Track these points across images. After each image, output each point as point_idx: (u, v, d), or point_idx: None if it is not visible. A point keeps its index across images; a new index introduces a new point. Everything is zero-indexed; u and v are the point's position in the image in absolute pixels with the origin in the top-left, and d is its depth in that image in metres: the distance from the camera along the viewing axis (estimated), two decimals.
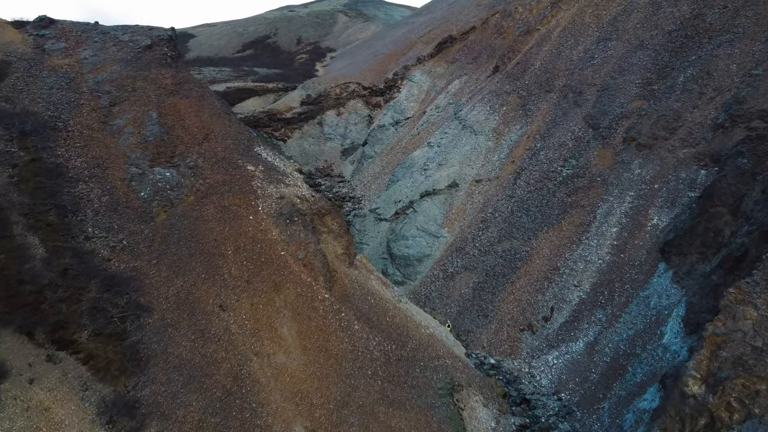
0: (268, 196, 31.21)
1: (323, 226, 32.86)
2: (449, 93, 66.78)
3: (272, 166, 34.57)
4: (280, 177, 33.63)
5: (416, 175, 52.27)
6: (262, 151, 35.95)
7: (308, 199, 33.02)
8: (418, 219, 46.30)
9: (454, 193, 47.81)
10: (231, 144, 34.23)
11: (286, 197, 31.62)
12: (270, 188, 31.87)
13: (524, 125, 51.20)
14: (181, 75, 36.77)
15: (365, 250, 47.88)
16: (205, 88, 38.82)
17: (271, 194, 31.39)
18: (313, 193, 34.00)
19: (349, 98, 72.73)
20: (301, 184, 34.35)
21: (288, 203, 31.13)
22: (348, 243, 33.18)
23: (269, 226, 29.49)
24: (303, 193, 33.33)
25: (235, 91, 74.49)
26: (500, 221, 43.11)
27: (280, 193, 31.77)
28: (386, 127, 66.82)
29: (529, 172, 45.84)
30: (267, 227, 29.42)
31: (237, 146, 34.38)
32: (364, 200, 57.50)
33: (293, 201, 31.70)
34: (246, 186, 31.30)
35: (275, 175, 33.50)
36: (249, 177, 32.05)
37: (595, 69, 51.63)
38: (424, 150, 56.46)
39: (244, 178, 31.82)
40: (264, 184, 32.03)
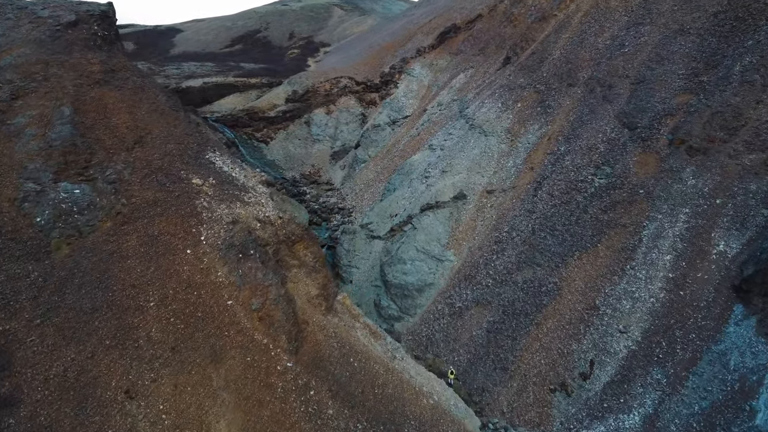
0: (217, 220, 23.17)
1: (293, 257, 24.84)
2: (453, 88, 58.75)
3: (228, 178, 26.53)
4: (237, 193, 25.60)
5: (416, 183, 44.25)
6: (218, 157, 27.90)
7: (273, 221, 24.99)
8: (418, 238, 38.27)
9: (461, 206, 39.78)
10: (174, 149, 26.21)
11: (242, 221, 23.57)
12: (220, 209, 23.83)
13: (543, 124, 43.17)
14: (115, 61, 28.71)
15: (354, 275, 39.85)
16: (147, 78, 30.73)
17: (221, 217, 23.35)
18: (280, 213, 25.94)
19: (340, 95, 64.74)
20: (266, 202, 26.31)
21: (243, 230, 23.08)
22: (325, 280, 25.17)
23: (213, 264, 21.44)
24: (267, 214, 25.31)
25: (213, 86, 66.53)
26: (519, 243, 35.06)
27: (233, 215, 23.72)
28: (382, 127, 58.81)
29: (552, 181, 37.79)
30: (210, 265, 21.37)
31: (182, 152, 26.36)
32: (355, 212, 49.48)
33: (251, 226, 23.66)
34: (187, 206, 23.26)
35: (230, 191, 25.47)
36: (193, 194, 24.01)
37: (626, 58, 43.67)
38: (425, 153, 48.45)
39: (186, 196, 23.78)
40: (213, 203, 23.99)
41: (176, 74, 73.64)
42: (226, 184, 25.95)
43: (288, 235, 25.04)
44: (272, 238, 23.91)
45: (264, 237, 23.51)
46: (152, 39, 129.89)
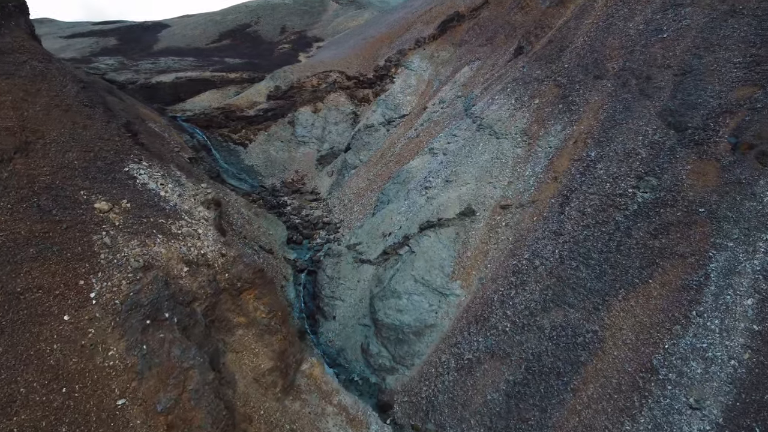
0: (120, 265, 15.80)
1: (238, 313, 17.50)
2: (457, 83, 51.41)
3: (152, 200, 19.18)
4: (161, 221, 18.22)
5: (414, 195, 36.92)
6: (143, 170, 20.53)
7: (211, 262, 17.65)
8: (417, 264, 30.94)
9: (469, 224, 32.46)
10: (76, 159, 18.83)
11: (159, 265, 16.22)
12: (129, 247, 16.45)
13: (567, 124, 35.85)
14: (8, 40, 21.32)
15: (338, 309, 32.52)
16: (55, 63, 23.28)
17: (127, 261, 15.96)
18: (224, 248, 18.56)
19: (329, 91, 57.39)
20: (206, 232, 18.94)
21: (157, 280, 15.70)
22: (284, 344, 17.90)
23: (103, 337, 14.10)
24: (203, 250, 17.96)
25: (187, 82, 59.18)
26: (544, 274, 27.72)
27: (147, 256, 16.36)
28: (375, 127, 51.49)
29: (582, 194, 30.47)
30: (97, 340, 14.02)
31: (88, 164, 18.99)
32: (342, 228, 42.14)
33: (172, 272, 16.31)
34: (77, 245, 15.88)
35: (151, 218, 18.10)
36: (91, 225, 16.63)
37: (666, 45, 36.33)
38: (424, 159, 41.13)
39: (79, 228, 16.40)
40: (119, 238, 16.60)
41: (149, 69, 66.29)
42: (148, 208, 18.56)
43: (232, 280, 17.68)
44: (205, 289, 16.52)
45: (192, 288, 16.12)
46: (136, 34, 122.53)
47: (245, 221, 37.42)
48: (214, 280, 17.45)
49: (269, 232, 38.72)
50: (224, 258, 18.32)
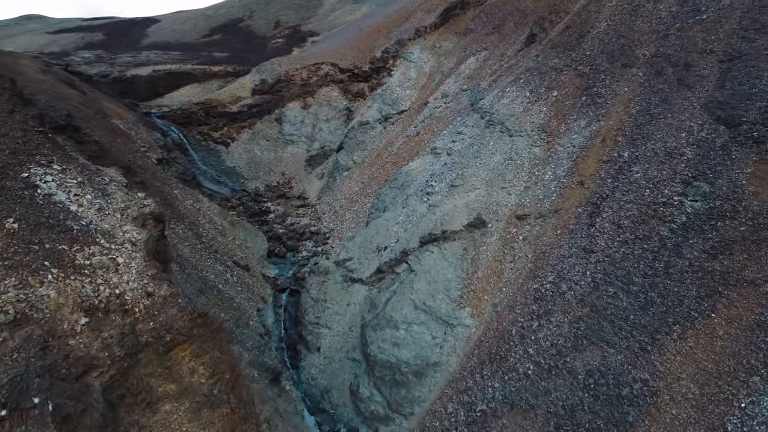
0: None
1: (165, 378, 12.36)
2: (462, 75, 46.28)
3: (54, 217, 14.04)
4: (61, 248, 13.12)
5: (414, 202, 31.80)
6: (52, 176, 15.38)
7: (128, 306, 12.51)
8: (418, 287, 25.80)
9: (480, 238, 27.33)
10: None
11: (39, 318, 11.04)
12: None
13: (593, 119, 30.76)
14: None
15: (324, 339, 27.37)
16: None
17: None
18: (152, 283, 13.35)
19: (320, 85, 52.26)
20: (129, 261, 13.82)
21: (29, 344, 10.49)
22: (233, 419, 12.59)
23: None
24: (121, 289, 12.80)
25: (165, 75, 54.07)
26: (573, 302, 22.55)
27: (23, 304, 11.16)
28: (371, 124, 46.35)
29: (616, 202, 25.35)
30: None
31: None
32: (333, 238, 36.99)
33: (59, 328, 11.12)
34: None
35: (47, 244, 12.99)
36: None
37: (706, 28, 31.28)
38: (426, 160, 36.00)
39: None
40: None
41: (128, 62, 61.18)
42: (46, 229, 13.41)
43: (160, 331, 12.58)
44: (113, 349, 11.38)
45: (89, 351, 10.99)
46: (124, 30, 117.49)
47: (218, 232, 32.27)
48: (131, 332, 12.30)
49: (246, 244, 33.59)
50: (150, 299, 13.16)
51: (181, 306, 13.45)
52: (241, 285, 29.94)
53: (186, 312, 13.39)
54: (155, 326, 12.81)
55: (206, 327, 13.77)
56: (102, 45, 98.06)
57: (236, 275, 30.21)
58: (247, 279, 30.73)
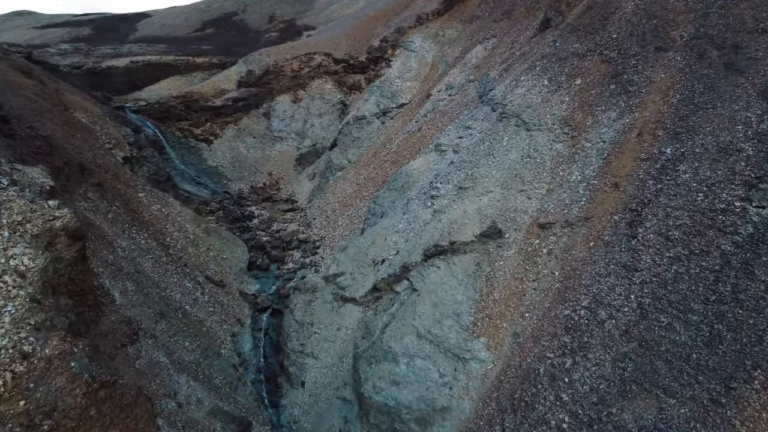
0: None
1: None
2: (468, 65, 41.88)
3: None
4: None
5: (416, 206, 27.41)
6: None
7: None
8: (422, 310, 21.40)
9: (496, 251, 22.92)
10: None
11: None
12: None
13: (626, 110, 26.36)
14: None
15: (309, 372, 22.96)
16: None
17: None
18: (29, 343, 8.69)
19: (312, 76, 47.82)
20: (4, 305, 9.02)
21: None
22: None
23: None
24: None
25: (144, 66, 49.65)
26: (616, 334, 18.12)
27: None
28: (367, 119, 41.93)
29: (661, 209, 20.95)
30: None
31: None
32: (323, 247, 32.59)
33: None
34: None
35: None
36: None
37: (755, 4, 27.07)
38: (429, 158, 31.61)
39: None
40: None
41: (106, 54, 56.77)
42: None
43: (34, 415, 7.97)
44: None
45: None
46: (112, 25, 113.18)
47: (189, 242, 27.84)
48: None
49: (223, 255, 29.16)
50: (26, 364, 8.70)
51: (73, 373, 9.02)
52: (214, 305, 25.54)
53: (80, 382, 8.97)
54: (28, 408, 8.38)
55: (112, 402, 9.37)
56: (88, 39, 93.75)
57: (208, 293, 25.81)
58: (222, 297, 26.31)
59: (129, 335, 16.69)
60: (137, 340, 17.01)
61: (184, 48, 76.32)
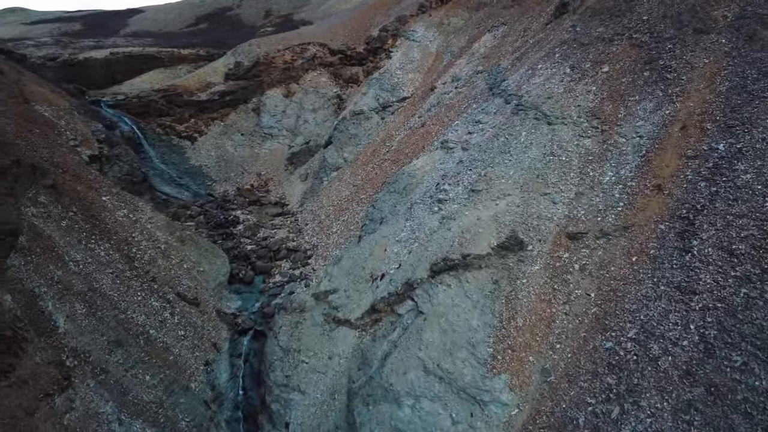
0: None
1: None
2: (476, 55, 38.26)
3: None
4: None
5: (421, 211, 23.76)
6: None
7: None
8: (429, 337, 17.75)
9: (517, 266, 19.26)
10: None
11: None
12: None
13: (664, 100, 22.76)
14: None
15: (294, 410, 19.33)
16: None
17: None
18: None
19: (306, 69, 44.21)
20: None
21: None
22: None
23: None
24: None
25: (124, 58, 46.07)
26: (675, 376, 14.46)
27: None
28: (365, 114, 38.31)
29: (719, 217, 17.33)
30: None
31: None
32: (315, 257, 28.94)
33: None
34: None
35: None
36: None
37: None
38: (435, 156, 27.98)
39: None
40: None
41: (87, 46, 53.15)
42: None
43: None
44: None
45: None
46: (103, 20, 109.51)
47: (159, 253, 24.18)
48: None
49: (199, 267, 25.49)
50: None
51: None
52: (185, 327, 21.89)
53: None
54: None
55: None
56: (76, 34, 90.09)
57: (179, 313, 22.16)
58: (195, 318, 22.65)
59: (58, 381, 13.09)
60: (69, 385, 13.41)
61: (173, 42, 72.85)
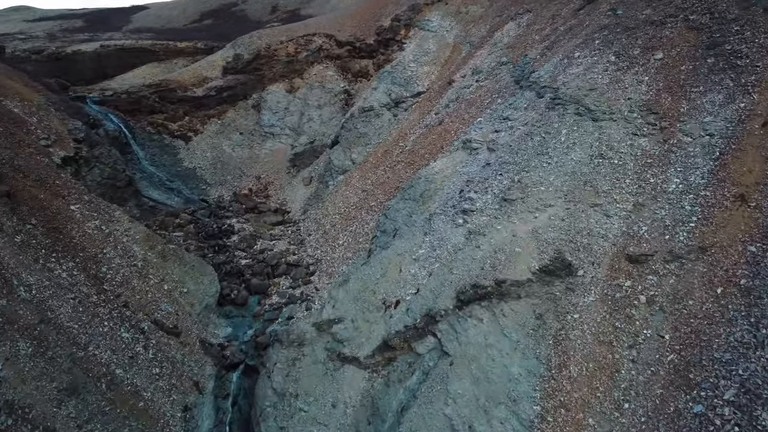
0: None
1: None
2: (499, 45, 34.48)
3: None
4: None
5: (442, 223, 20.04)
6: None
7: None
8: (456, 388, 13.99)
9: (565, 296, 15.44)
10: None
11: None
12: None
13: (737, 90, 18.87)
14: None
15: None
16: None
17: None
18: None
19: (311, 62, 40.66)
20: None
21: None
22: None
23: None
24: None
25: (116, 52, 42.85)
26: None
27: None
28: (376, 111, 34.64)
29: None
30: None
31: None
32: (319, 274, 25.27)
33: None
34: None
35: None
36: None
37: None
38: (456, 158, 24.25)
39: None
40: None
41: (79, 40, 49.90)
42: None
43: None
44: None
45: None
46: (106, 16, 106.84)
47: (134, 272, 20.63)
48: None
49: (183, 288, 21.92)
50: None
51: None
52: (161, 363, 18.33)
53: None
54: None
55: None
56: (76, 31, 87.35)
57: (154, 346, 18.61)
58: (174, 351, 19.07)
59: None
60: None
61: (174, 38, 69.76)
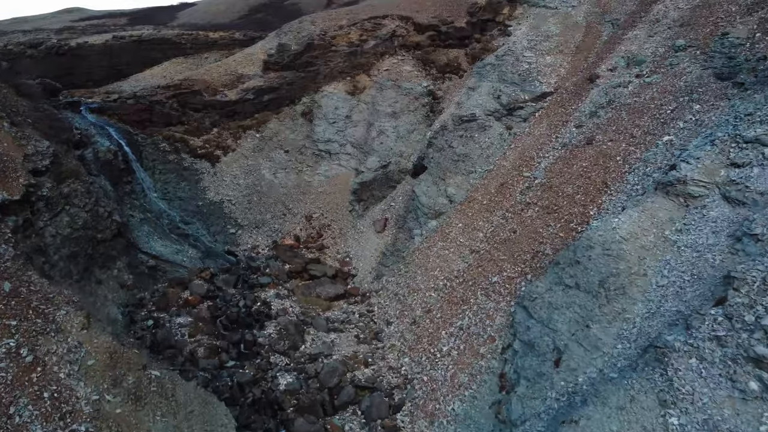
0: None
1: None
2: (664, 23, 22.91)
3: None
4: None
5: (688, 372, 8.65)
6: None
7: None
8: None
9: None
10: None
11: None
12: None
13: None
14: None
15: None
16: None
17: None
18: None
19: (381, 53, 30.22)
20: None
21: None
22: None
23: None
24: None
25: (131, 44, 34.21)
26: None
27: None
28: (480, 121, 23.71)
29: None
30: None
31: None
32: (412, 413, 14.51)
33: None
34: None
35: None
36: None
37: None
38: (657, 210, 12.88)
39: None
40: None
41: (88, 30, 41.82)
42: None
43: None
44: None
45: None
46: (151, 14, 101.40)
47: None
48: None
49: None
50: None
51: None
52: None
53: None
54: None
55: None
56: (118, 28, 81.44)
57: None
58: None
59: None
60: None
61: None
